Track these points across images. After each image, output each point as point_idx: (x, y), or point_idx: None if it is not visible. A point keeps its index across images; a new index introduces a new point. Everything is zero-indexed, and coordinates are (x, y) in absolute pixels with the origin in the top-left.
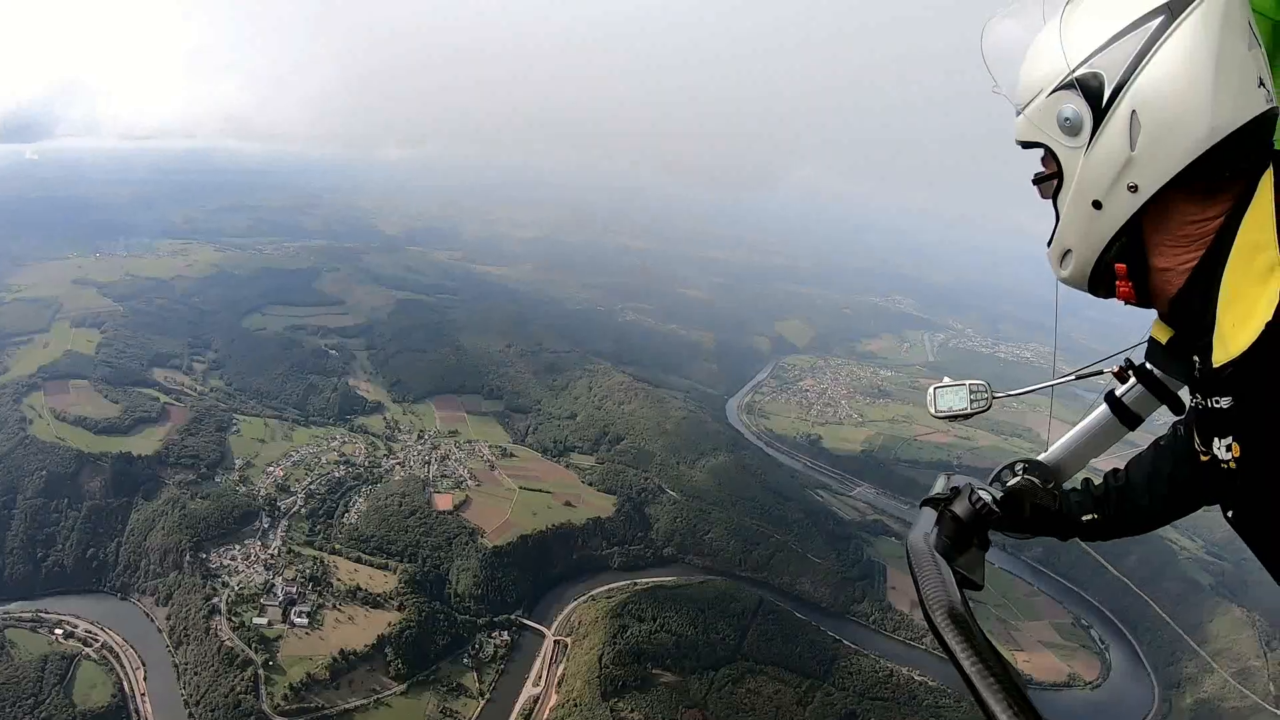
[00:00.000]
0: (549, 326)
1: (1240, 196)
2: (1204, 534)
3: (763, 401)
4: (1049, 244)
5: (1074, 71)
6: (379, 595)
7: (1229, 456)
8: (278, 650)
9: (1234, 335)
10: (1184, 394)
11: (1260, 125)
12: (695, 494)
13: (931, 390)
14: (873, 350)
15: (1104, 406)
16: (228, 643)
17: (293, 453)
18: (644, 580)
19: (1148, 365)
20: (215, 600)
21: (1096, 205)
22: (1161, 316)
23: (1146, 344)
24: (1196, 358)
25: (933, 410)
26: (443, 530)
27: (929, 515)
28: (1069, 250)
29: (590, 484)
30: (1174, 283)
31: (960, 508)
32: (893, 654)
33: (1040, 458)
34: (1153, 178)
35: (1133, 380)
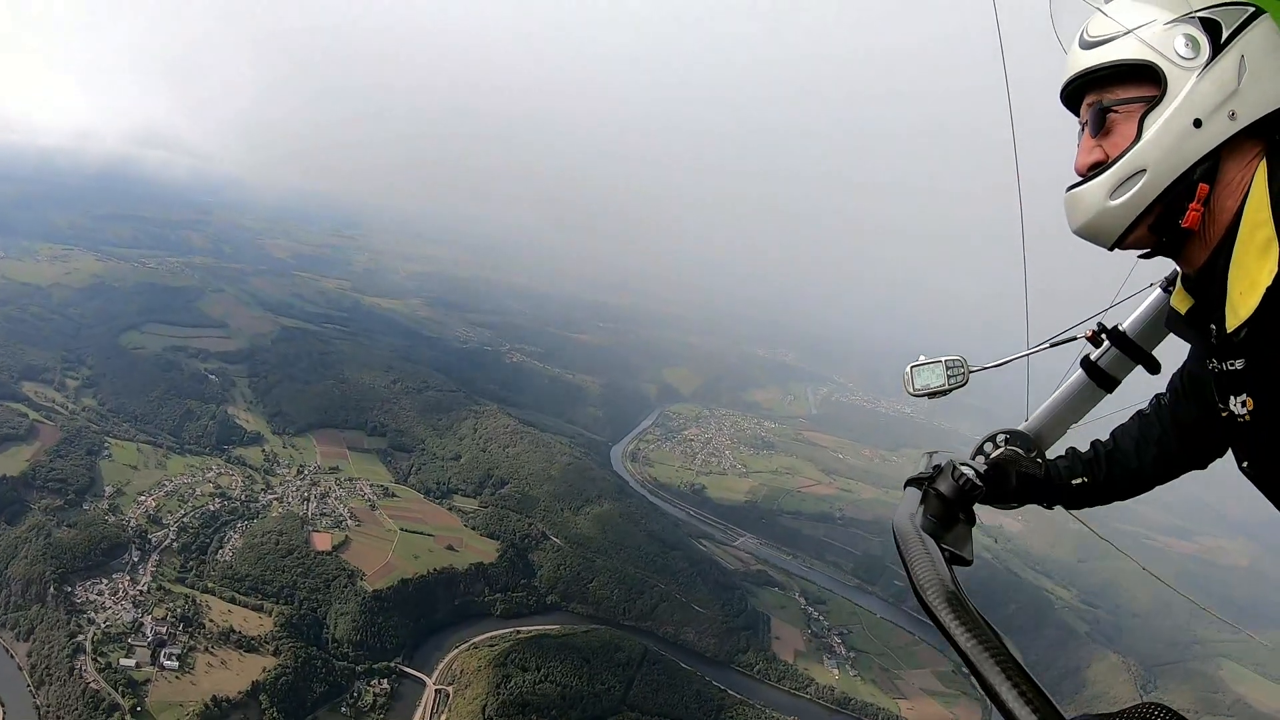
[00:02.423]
0: (436, 364)
1: (1256, 172)
2: (1079, 583)
3: (647, 449)
4: (1087, 181)
5: (1198, 11)
6: (253, 639)
7: (1244, 411)
8: (146, 695)
9: (1242, 302)
10: (1157, 353)
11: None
12: (579, 541)
13: (908, 369)
14: (757, 400)
15: (1080, 372)
16: (93, 685)
17: (166, 482)
18: (527, 629)
19: (1120, 327)
20: (80, 638)
21: (1197, 123)
22: (1185, 283)
23: (1166, 315)
24: (1213, 325)
25: (910, 390)
26: (321, 571)
27: (913, 495)
28: (1141, 170)
29: (473, 528)
30: (1215, 233)
31: (944, 485)
32: (778, 704)
33: (1020, 427)
34: (1250, 111)
35: (1106, 344)
